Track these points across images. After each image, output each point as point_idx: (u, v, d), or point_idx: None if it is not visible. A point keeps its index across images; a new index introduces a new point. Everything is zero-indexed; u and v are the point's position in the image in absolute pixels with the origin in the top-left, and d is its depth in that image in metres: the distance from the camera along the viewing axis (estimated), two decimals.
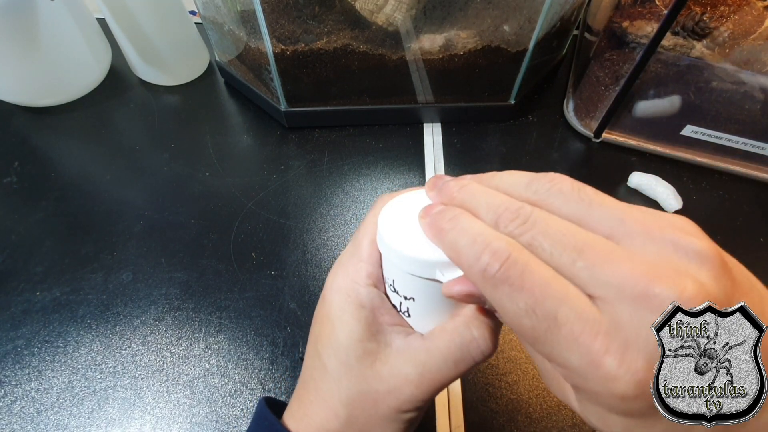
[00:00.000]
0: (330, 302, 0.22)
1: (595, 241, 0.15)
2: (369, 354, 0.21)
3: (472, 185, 0.19)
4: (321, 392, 0.22)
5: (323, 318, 0.22)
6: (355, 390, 0.21)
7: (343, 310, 0.21)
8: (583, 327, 0.14)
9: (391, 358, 0.21)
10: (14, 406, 0.38)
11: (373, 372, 0.21)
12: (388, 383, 0.20)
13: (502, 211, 0.17)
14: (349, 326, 0.21)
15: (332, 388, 0.21)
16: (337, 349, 0.21)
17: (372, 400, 0.21)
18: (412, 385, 0.20)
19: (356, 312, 0.21)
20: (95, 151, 0.56)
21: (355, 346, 0.21)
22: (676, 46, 0.46)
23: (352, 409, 0.21)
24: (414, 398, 0.20)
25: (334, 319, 0.21)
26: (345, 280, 0.22)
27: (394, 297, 0.22)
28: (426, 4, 0.46)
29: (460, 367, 0.20)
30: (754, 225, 0.50)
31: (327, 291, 0.22)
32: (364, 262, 0.22)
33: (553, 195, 0.17)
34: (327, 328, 0.22)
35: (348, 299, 0.21)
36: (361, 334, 0.21)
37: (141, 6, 0.54)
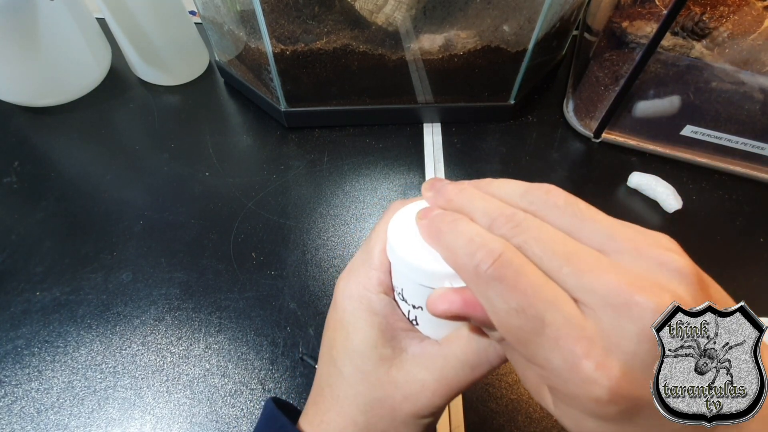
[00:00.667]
0: (343, 309, 0.22)
1: (583, 250, 0.16)
2: (384, 360, 0.21)
3: (469, 189, 0.19)
4: (338, 399, 0.22)
5: (336, 324, 0.22)
6: (372, 396, 0.21)
7: (356, 317, 0.21)
8: (569, 331, 0.15)
9: (407, 364, 0.21)
10: (14, 406, 0.38)
11: (389, 378, 0.21)
12: (405, 389, 0.20)
13: (496, 215, 0.17)
14: (364, 333, 0.21)
15: (349, 395, 0.21)
16: (352, 355, 0.21)
17: (389, 407, 0.21)
18: (429, 391, 0.20)
19: (370, 318, 0.21)
20: (95, 151, 0.56)
21: (370, 353, 0.21)
22: (676, 46, 0.46)
23: (370, 416, 0.21)
24: (431, 404, 0.20)
25: (348, 325, 0.21)
26: (357, 287, 0.22)
27: (403, 305, 0.22)
28: (426, 4, 0.46)
29: (477, 372, 0.20)
30: (754, 225, 0.50)
31: (339, 297, 0.23)
32: (376, 270, 0.22)
33: (548, 207, 0.17)
34: (341, 335, 0.22)
35: (361, 306, 0.21)
36: (375, 340, 0.21)
37: (141, 6, 0.54)
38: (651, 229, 0.16)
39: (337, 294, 0.23)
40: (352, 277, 0.22)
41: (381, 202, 0.52)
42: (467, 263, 0.16)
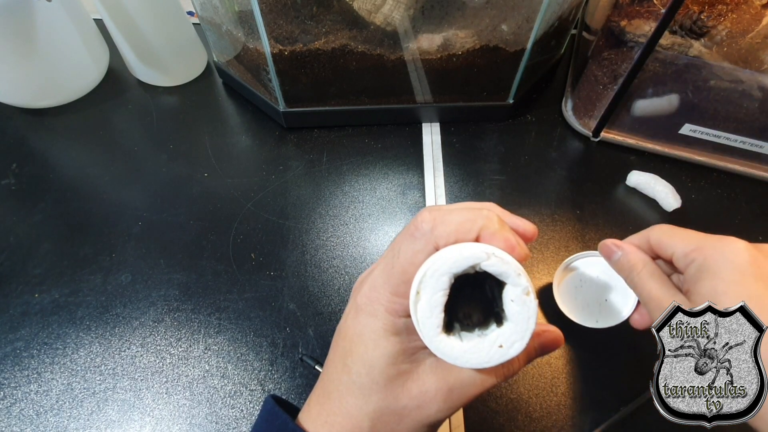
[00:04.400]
0: (364, 324, 0.22)
1: None
2: (402, 374, 0.21)
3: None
4: (346, 405, 0.22)
5: (355, 336, 0.22)
6: (383, 405, 0.21)
7: (378, 335, 0.21)
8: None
9: (423, 375, 0.21)
10: (13, 408, 0.38)
11: (404, 390, 0.21)
12: (418, 399, 0.21)
13: None
14: (385, 350, 0.21)
15: (360, 403, 0.21)
16: (370, 368, 0.21)
17: (398, 416, 0.21)
18: (440, 399, 0.21)
19: (392, 338, 0.21)
20: (93, 152, 0.56)
21: (389, 369, 0.21)
22: (674, 44, 0.46)
23: (377, 423, 0.21)
24: (440, 411, 0.21)
25: (368, 341, 0.21)
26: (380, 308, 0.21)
27: None
28: (424, 4, 0.46)
29: (486, 384, 0.21)
30: (752, 223, 0.50)
31: (361, 310, 0.22)
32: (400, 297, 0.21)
33: None
34: (360, 347, 0.22)
35: (384, 326, 0.21)
36: (395, 357, 0.21)
37: (138, 7, 0.54)
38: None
39: (358, 304, 0.22)
40: (374, 296, 0.22)
41: (380, 202, 0.52)
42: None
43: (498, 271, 0.19)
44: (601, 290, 0.40)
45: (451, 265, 0.19)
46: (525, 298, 0.18)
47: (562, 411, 0.39)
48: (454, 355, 0.19)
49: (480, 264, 0.19)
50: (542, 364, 0.41)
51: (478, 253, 0.19)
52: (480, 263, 0.19)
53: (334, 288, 0.45)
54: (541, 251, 0.48)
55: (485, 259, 0.19)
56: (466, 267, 0.19)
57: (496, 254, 0.19)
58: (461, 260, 0.19)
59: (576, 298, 0.41)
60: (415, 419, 0.21)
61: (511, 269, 0.19)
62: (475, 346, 0.19)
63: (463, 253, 0.19)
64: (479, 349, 0.19)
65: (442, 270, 0.19)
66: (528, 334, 0.18)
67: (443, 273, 0.19)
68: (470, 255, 0.19)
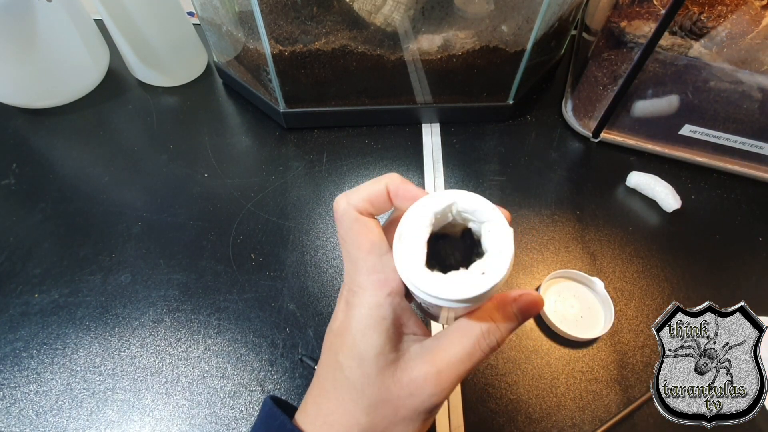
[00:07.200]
0: (351, 316, 0.22)
1: None
2: (391, 364, 0.22)
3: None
4: (342, 402, 0.22)
5: (344, 330, 0.22)
6: (377, 398, 0.21)
7: (365, 325, 0.22)
8: None
9: (410, 363, 0.22)
10: (13, 408, 0.38)
11: (395, 380, 0.21)
12: (409, 387, 0.21)
13: None
14: (372, 340, 0.21)
15: (355, 399, 0.22)
16: (360, 362, 0.21)
17: (393, 407, 0.21)
18: (431, 384, 0.21)
19: (378, 325, 0.21)
20: (93, 152, 0.56)
21: (377, 359, 0.21)
22: (674, 45, 0.46)
23: (374, 416, 0.21)
24: (434, 396, 0.21)
25: (356, 333, 0.22)
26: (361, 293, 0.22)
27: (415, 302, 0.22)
28: (424, 5, 0.46)
29: (474, 359, 0.21)
30: (752, 224, 0.50)
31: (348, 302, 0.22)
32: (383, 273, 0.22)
33: None
34: (349, 341, 0.22)
35: (370, 312, 0.21)
36: (383, 347, 0.21)
37: (139, 7, 0.54)
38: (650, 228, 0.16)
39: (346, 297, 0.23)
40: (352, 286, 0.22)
41: None
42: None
43: (473, 208, 0.20)
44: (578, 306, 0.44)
45: (431, 205, 0.20)
46: (502, 227, 0.20)
47: (562, 411, 0.39)
48: (438, 290, 0.19)
49: (456, 203, 0.20)
50: (542, 364, 0.41)
51: (452, 195, 0.20)
52: (456, 202, 0.20)
53: (333, 288, 0.45)
54: (541, 251, 0.48)
55: (460, 198, 0.20)
56: (444, 206, 0.20)
57: (466, 196, 0.20)
58: (439, 201, 0.20)
59: (556, 310, 0.44)
60: (410, 408, 0.21)
61: (485, 204, 0.20)
62: (459, 277, 0.19)
63: (439, 197, 0.21)
64: (463, 279, 0.19)
65: (422, 211, 0.20)
66: (508, 258, 0.19)
67: (424, 214, 0.20)
68: (446, 196, 0.21)
